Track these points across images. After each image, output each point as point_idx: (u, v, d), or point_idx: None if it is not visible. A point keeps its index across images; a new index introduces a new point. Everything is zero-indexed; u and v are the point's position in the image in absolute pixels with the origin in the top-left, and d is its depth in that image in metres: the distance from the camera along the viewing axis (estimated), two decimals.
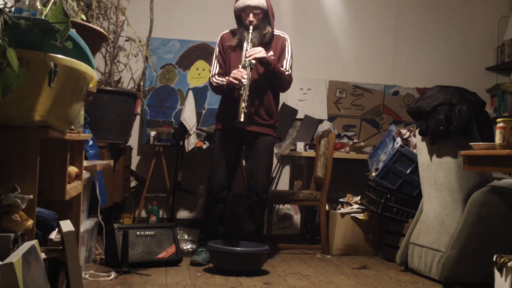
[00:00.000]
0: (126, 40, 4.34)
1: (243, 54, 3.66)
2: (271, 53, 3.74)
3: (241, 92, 3.54)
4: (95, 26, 2.68)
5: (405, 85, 5.70)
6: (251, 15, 3.68)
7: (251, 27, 3.68)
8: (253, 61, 3.59)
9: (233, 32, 3.86)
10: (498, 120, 2.60)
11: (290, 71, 3.80)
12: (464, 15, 5.83)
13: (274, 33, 3.84)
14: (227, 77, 3.69)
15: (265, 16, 3.74)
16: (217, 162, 3.72)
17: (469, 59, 5.81)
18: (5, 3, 1.71)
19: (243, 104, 3.50)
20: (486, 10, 5.85)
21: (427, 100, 3.37)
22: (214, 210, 3.69)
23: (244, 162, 4.60)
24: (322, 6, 5.61)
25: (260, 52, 3.60)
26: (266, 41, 3.75)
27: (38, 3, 1.83)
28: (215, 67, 3.84)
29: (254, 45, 3.67)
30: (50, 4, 1.67)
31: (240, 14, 3.74)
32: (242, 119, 3.48)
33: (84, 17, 2.86)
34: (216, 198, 3.69)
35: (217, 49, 3.88)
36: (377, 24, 5.70)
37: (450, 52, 5.79)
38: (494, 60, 5.82)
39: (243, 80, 3.55)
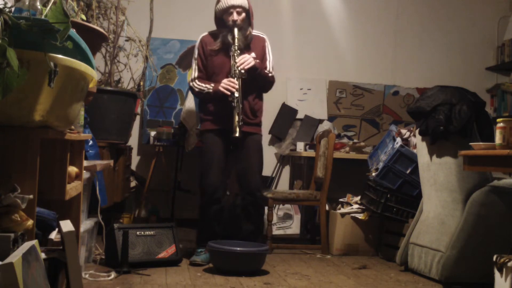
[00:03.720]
0: (126, 40, 4.35)
1: (232, 62, 3.63)
2: (252, 54, 3.74)
3: (235, 105, 3.55)
4: (95, 26, 2.68)
5: (405, 85, 5.70)
6: (234, 14, 3.67)
7: (235, 29, 3.65)
8: (243, 71, 3.60)
9: (213, 34, 3.81)
10: (498, 120, 2.60)
11: (273, 72, 3.82)
12: (464, 15, 5.83)
13: (253, 33, 3.83)
14: (212, 84, 3.66)
15: (247, 16, 3.74)
16: (210, 163, 3.67)
17: (469, 59, 5.81)
18: (5, 3, 1.71)
19: (237, 118, 3.52)
20: (486, 10, 5.85)
21: (427, 100, 3.37)
22: (210, 211, 3.67)
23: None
24: (322, 6, 5.61)
25: (249, 61, 3.61)
26: (248, 42, 3.74)
27: (38, 3, 1.83)
28: (195, 71, 3.77)
29: (240, 49, 3.66)
30: (50, 4, 1.67)
31: (222, 16, 3.72)
32: (237, 134, 3.52)
33: (84, 17, 2.86)
34: (211, 199, 3.66)
35: (196, 52, 3.80)
36: (377, 24, 5.70)
37: (450, 52, 5.79)
38: (494, 60, 5.82)
39: (235, 93, 3.55)
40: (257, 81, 3.74)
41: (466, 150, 2.85)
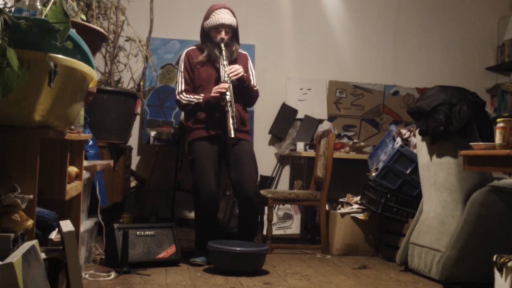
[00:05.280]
0: (126, 40, 4.35)
1: (221, 70, 3.67)
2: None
3: (227, 109, 3.57)
4: (95, 26, 2.68)
5: (405, 85, 5.70)
6: (223, 32, 3.72)
7: (222, 44, 3.69)
8: (233, 78, 3.64)
9: (199, 48, 3.84)
10: (498, 120, 2.60)
11: (257, 86, 3.88)
12: (464, 15, 5.83)
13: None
14: (202, 95, 3.68)
15: (234, 34, 3.79)
16: (204, 172, 3.62)
17: (469, 59, 5.81)
18: (5, 3, 1.71)
19: (231, 121, 3.54)
20: (486, 10, 5.85)
21: (427, 100, 3.37)
22: (206, 215, 3.64)
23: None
24: (322, 6, 5.61)
25: (240, 70, 3.67)
26: (234, 59, 3.79)
27: (38, 3, 1.83)
28: (182, 84, 3.77)
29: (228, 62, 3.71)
30: (50, 4, 1.67)
31: (209, 31, 3.75)
32: (233, 135, 3.53)
33: (84, 17, 2.86)
34: (208, 207, 3.62)
35: (182, 65, 3.80)
36: (377, 24, 5.70)
37: (450, 52, 5.79)
38: (494, 60, 5.82)
39: (227, 97, 3.58)
40: (244, 94, 3.78)
41: (466, 150, 2.85)
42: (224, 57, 3.69)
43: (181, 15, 5.32)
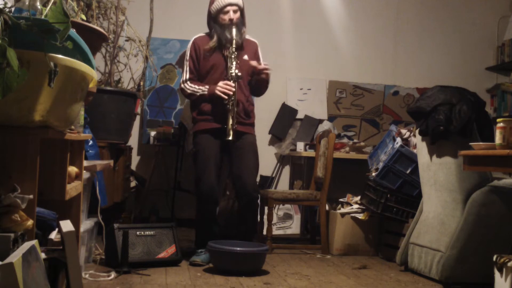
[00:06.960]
0: (126, 40, 4.35)
1: (229, 65, 3.63)
2: (246, 57, 3.76)
3: (230, 108, 3.55)
4: (95, 26, 2.69)
5: (405, 85, 5.70)
6: (231, 12, 3.66)
7: (233, 27, 3.64)
8: (239, 74, 3.61)
9: (207, 35, 3.80)
10: (498, 120, 2.60)
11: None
12: (464, 15, 5.83)
13: (246, 37, 3.84)
14: (207, 86, 3.65)
15: (241, 15, 3.75)
16: (206, 164, 3.62)
17: (469, 59, 5.81)
18: (5, 3, 1.71)
19: (231, 121, 3.53)
20: (486, 10, 5.85)
21: (427, 100, 3.37)
22: (207, 212, 3.66)
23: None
24: (322, 6, 5.61)
25: (269, 71, 3.70)
26: (242, 41, 3.75)
27: (38, 3, 1.83)
28: (187, 73, 3.74)
29: (237, 45, 3.66)
30: (50, 4, 1.67)
31: (217, 15, 3.70)
32: (231, 138, 3.52)
33: (84, 17, 2.86)
34: (209, 200, 3.62)
35: (188, 54, 3.77)
36: (377, 24, 5.70)
37: (450, 52, 5.79)
38: (494, 60, 5.82)
39: (231, 96, 3.56)
40: (258, 87, 3.79)
41: (466, 150, 2.85)
42: (234, 48, 3.63)
43: (181, 15, 5.32)
